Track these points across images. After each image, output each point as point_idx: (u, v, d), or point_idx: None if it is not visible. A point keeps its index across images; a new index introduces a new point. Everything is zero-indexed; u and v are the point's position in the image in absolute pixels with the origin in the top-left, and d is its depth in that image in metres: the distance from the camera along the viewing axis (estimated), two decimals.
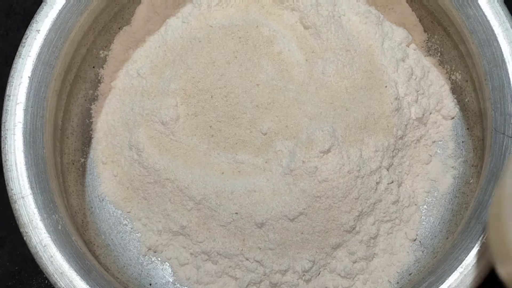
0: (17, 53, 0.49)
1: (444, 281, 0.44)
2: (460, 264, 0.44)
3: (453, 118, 0.55)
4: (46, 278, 0.46)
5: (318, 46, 0.53)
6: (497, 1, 0.48)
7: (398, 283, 0.52)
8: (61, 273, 0.45)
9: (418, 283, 0.48)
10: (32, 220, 0.46)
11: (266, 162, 0.52)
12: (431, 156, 0.55)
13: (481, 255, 0.44)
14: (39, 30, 0.49)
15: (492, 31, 0.48)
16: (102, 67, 0.57)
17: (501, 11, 0.48)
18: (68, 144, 0.55)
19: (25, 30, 0.49)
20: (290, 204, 0.50)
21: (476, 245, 0.44)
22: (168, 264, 0.54)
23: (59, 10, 0.50)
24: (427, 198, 0.55)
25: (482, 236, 0.45)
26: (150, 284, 0.54)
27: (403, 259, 0.53)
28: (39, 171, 0.48)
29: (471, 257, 0.44)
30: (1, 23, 0.60)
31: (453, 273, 0.44)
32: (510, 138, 0.46)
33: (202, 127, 0.53)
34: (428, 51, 0.56)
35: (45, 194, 0.47)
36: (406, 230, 0.54)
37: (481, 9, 0.48)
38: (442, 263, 0.46)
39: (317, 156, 0.50)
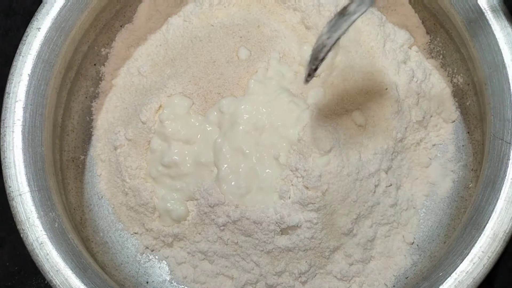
0: (17, 51, 0.49)
1: (438, 287, 0.44)
2: (454, 271, 0.44)
3: (453, 121, 0.55)
4: (45, 278, 0.46)
5: None
6: (499, 5, 0.47)
7: (394, 286, 0.52)
8: (57, 270, 0.46)
9: None
10: (29, 218, 0.46)
11: None
12: (430, 159, 0.55)
13: (476, 261, 0.44)
14: (40, 28, 0.49)
15: (493, 35, 0.47)
16: (103, 65, 0.57)
17: (503, 15, 0.47)
18: (68, 142, 0.55)
19: (25, 30, 0.49)
20: (288, 205, 0.50)
21: (472, 251, 0.44)
22: (165, 263, 0.55)
23: (60, 8, 0.50)
24: (425, 202, 0.54)
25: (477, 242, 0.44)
26: (147, 282, 0.54)
27: (400, 262, 0.53)
28: (37, 169, 0.48)
29: (465, 263, 0.44)
30: (1, 23, 0.60)
31: (447, 279, 0.44)
32: (509, 144, 0.45)
33: None
34: (430, 54, 0.56)
35: (42, 192, 0.47)
36: (404, 233, 0.53)
37: (482, 13, 0.47)
38: (437, 268, 0.46)
39: (316, 158, 0.50)
